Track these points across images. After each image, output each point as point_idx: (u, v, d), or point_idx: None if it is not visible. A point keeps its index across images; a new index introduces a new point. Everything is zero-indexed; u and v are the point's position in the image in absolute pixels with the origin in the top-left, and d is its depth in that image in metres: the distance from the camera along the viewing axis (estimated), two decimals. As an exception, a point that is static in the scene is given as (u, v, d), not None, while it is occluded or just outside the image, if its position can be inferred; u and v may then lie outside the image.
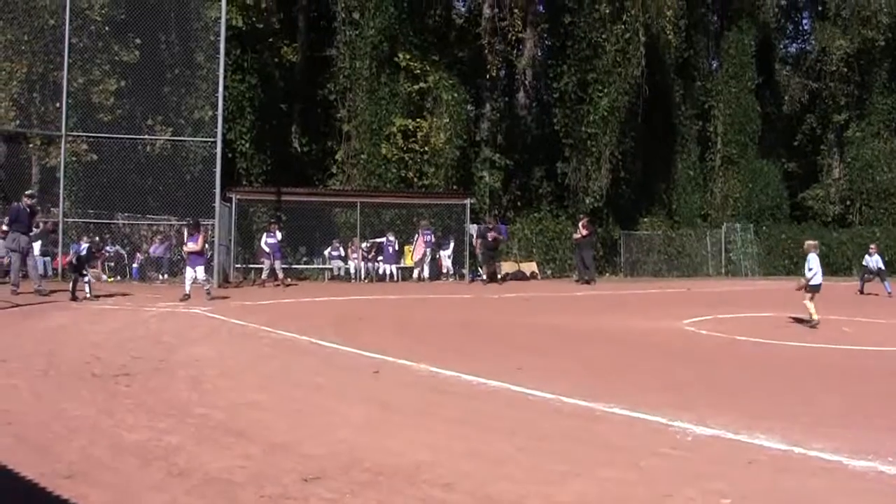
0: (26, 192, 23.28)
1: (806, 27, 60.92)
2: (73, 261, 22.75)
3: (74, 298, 21.43)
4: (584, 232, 34.99)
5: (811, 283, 18.41)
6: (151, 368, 11.49)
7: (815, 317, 18.00)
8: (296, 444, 7.53)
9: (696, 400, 9.89)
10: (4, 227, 23.33)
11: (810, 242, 19.33)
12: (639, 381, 11.47)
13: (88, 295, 22.01)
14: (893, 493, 6.35)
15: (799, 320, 18.88)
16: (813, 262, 18.52)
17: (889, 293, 28.19)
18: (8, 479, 6.26)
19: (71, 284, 22.11)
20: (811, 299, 18.25)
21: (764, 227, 47.21)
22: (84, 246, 23.63)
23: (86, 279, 22.49)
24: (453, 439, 7.84)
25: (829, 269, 43.97)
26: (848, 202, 52.86)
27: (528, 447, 7.57)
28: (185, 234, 23.43)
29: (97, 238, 27.50)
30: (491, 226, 35.78)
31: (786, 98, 55.73)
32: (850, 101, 53.00)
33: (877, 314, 19.95)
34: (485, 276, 34.68)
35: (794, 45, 61.99)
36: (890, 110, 51.58)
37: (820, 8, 56.02)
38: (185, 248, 23.49)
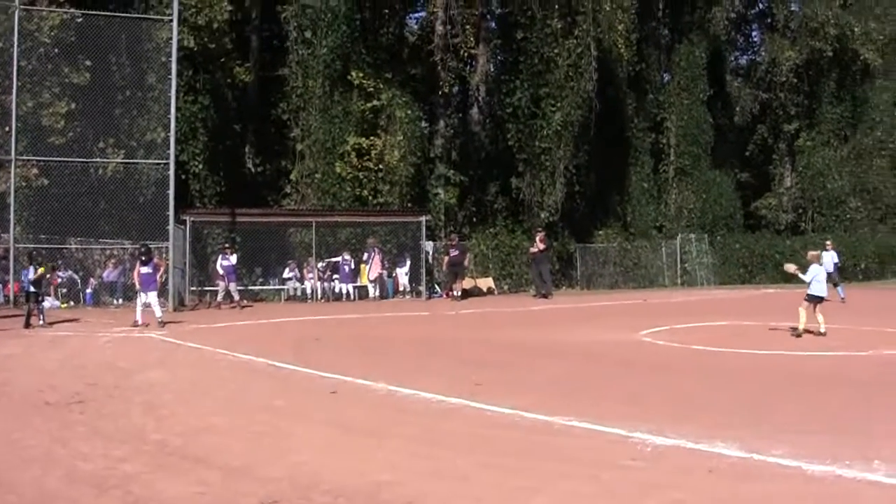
0: None
1: (756, 39, 61.56)
2: (29, 288, 22.47)
3: (28, 326, 21.16)
4: (542, 246, 35.04)
5: (809, 292, 18.44)
6: (106, 395, 11.37)
7: (801, 327, 18.01)
8: (254, 468, 7.47)
9: (655, 411, 9.92)
10: None
11: (812, 253, 19.45)
12: (597, 394, 11.49)
13: (42, 322, 21.76)
14: (852, 496, 6.41)
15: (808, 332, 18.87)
16: (811, 273, 18.54)
17: (842, 298, 28.38)
18: (-41, 512, 6.16)
19: (27, 311, 21.84)
20: (806, 308, 18.24)
21: (718, 237, 47.45)
22: (30, 269, 23.34)
23: (42, 305, 22.28)
24: (414, 458, 7.81)
25: (784, 276, 44.30)
26: (800, 210, 53.43)
27: (488, 463, 7.55)
28: (138, 261, 23.14)
29: (48, 263, 27.07)
30: (453, 243, 35.79)
31: (737, 109, 56.10)
32: (800, 111, 53.59)
33: (832, 319, 20.09)
34: (457, 293, 34.72)
35: (745, 56, 62.53)
36: (839, 119, 52.31)
37: (769, 20, 56.71)
38: (135, 274, 23.19)
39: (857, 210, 50.90)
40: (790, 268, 19.46)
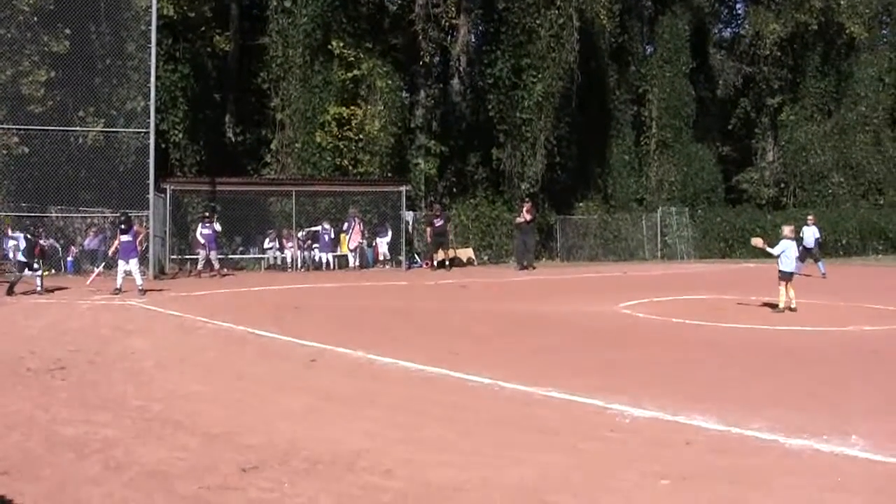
0: None
1: (740, 11, 61.35)
2: (23, 257, 22.43)
3: (11, 293, 21.10)
4: (528, 217, 34.99)
5: (780, 268, 18.40)
6: (87, 361, 11.37)
7: (781, 304, 18.00)
8: (234, 435, 7.49)
9: (634, 383, 9.98)
10: None
11: (789, 228, 19.34)
12: (576, 366, 11.54)
13: (39, 289, 21.77)
14: (829, 470, 6.44)
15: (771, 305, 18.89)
16: (780, 246, 18.48)
17: (823, 274, 28.45)
18: (-60, 476, 6.17)
19: (13, 279, 21.80)
20: (785, 286, 18.21)
21: (699, 211, 47.45)
22: (20, 235, 23.30)
23: (38, 273, 22.26)
24: (392, 426, 7.84)
25: (762, 251, 44.43)
26: (782, 185, 53.44)
27: (467, 432, 7.59)
28: (118, 230, 23.11)
29: (32, 229, 26.94)
30: (438, 213, 35.78)
31: (720, 82, 56.04)
32: (784, 85, 53.53)
33: (812, 295, 20.20)
34: (436, 263, 34.80)
35: (729, 29, 62.42)
36: (822, 94, 52.17)
37: (754, -8, 56.56)
38: (116, 242, 23.15)
39: (839, 185, 50.88)
40: (757, 242, 19.46)
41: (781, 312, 17.72)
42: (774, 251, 18.46)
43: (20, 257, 22.75)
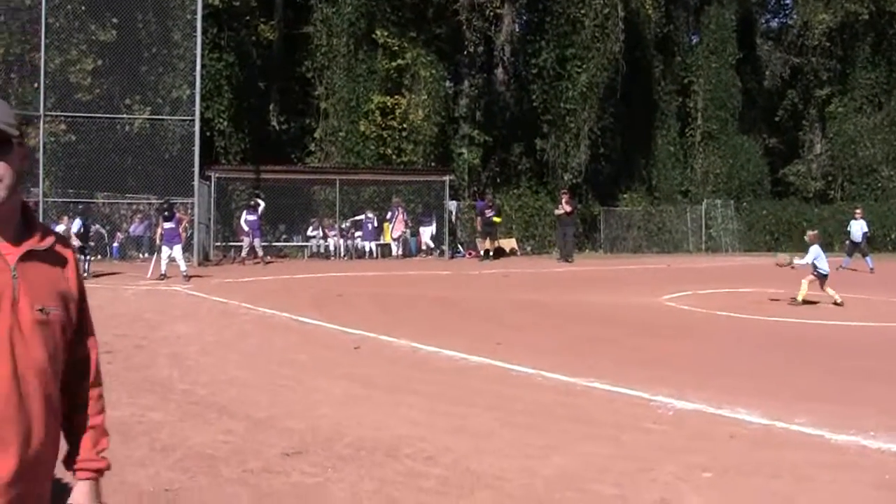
0: None
1: (787, 1, 60.30)
2: (77, 241, 22.71)
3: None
4: (567, 208, 34.79)
5: (818, 271, 18.19)
6: (134, 346, 11.48)
7: (800, 297, 17.85)
8: (277, 420, 7.55)
9: (677, 375, 9.93)
10: None
11: (811, 233, 19.19)
12: (619, 357, 11.51)
13: (86, 274, 21.95)
14: (875, 466, 6.39)
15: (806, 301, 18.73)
16: (810, 255, 18.32)
17: (871, 269, 28.13)
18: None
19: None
20: (811, 281, 18.02)
21: (745, 204, 46.94)
22: (77, 222, 23.58)
23: (87, 258, 22.48)
24: (434, 414, 7.87)
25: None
26: (829, 178, 52.56)
27: (508, 421, 7.60)
28: (161, 217, 23.34)
29: (86, 217, 27.14)
30: (490, 203, 35.76)
31: (767, 73, 55.41)
32: (833, 76, 52.66)
33: (859, 290, 20.01)
34: (482, 252, 34.81)
35: (776, 19, 61.61)
36: (872, 85, 51.11)
37: (802, -19, 55.78)
38: (159, 229, 23.35)
39: (889, 179, 49.64)
40: (782, 259, 19.36)
41: (798, 305, 17.56)
42: (805, 261, 18.24)
43: (75, 241, 22.94)
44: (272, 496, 5.50)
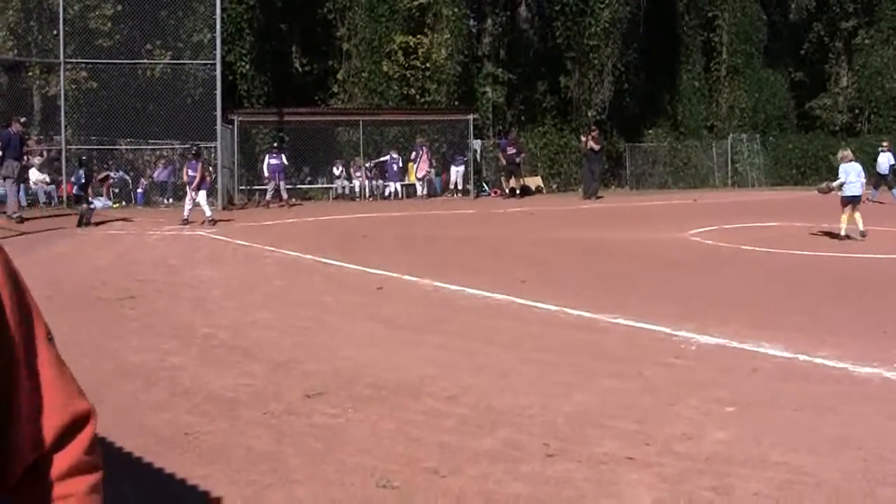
0: (16, 119, 22.81)
1: (814, -69, 59.75)
2: (82, 178, 22.67)
3: (82, 224, 21.28)
4: (596, 147, 34.60)
5: (844, 193, 18.03)
6: (156, 291, 11.51)
7: (843, 231, 17.65)
8: (299, 362, 7.56)
9: (701, 310, 9.89)
10: None
11: (843, 153, 18.94)
12: (643, 293, 11.47)
13: (81, 228, 21.76)
14: (897, 397, 6.36)
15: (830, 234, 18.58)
16: (843, 172, 18.14)
17: (897, 201, 27.86)
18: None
19: (80, 211, 21.97)
20: (845, 211, 17.83)
21: (770, 138, 46.61)
22: (79, 172, 23.50)
23: (92, 207, 22.42)
24: (457, 353, 7.85)
25: (838, 178, 43.75)
26: (856, 111, 51.98)
27: (531, 359, 7.59)
28: (186, 161, 23.29)
29: (89, 164, 26.96)
30: (512, 141, 35.65)
31: (792, 6, 54.69)
32: (858, 8, 51.85)
33: (886, 222, 19.82)
34: (507, 191, 34.80)
35: (801, -50, 60.93)
36: (899, 16, 50.70)
37: (829, -90, 54.87)
38: (184, 175, 23.31)
39: (915, 111, 49.53)
40: (824, 187, 19.16)
41: (843, 240, 17.38)
42: (838, 182, 18.07)
43: (75, 191, 22.92)
44: (292, 437, 5.51)
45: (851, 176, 18.03)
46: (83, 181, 22.64)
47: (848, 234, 17.47)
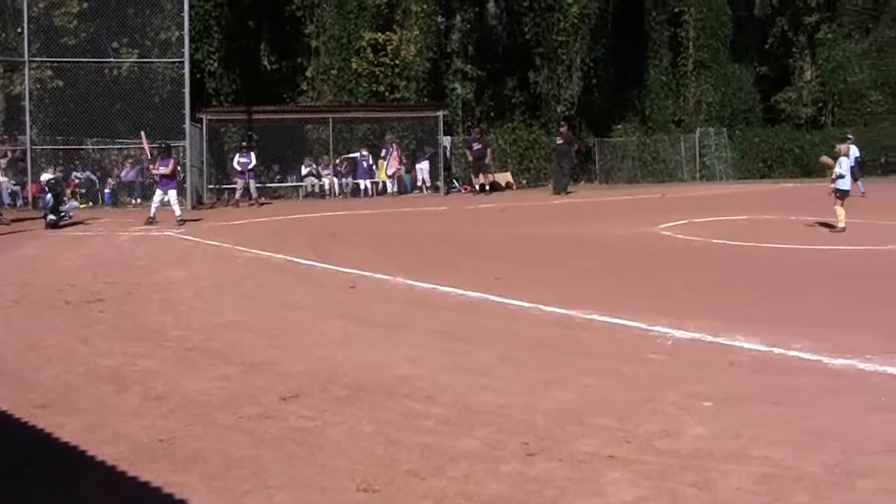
0: None
1: (775, -74, 60.16)
2: (50, 202, 21.91)
3: (53, 227, 20.94)
4: (561, 140, 34.70)
5: (838, 187, 18.14)
6: (125, 293, 11.39)
7: (840, 224, 17.75)
8: (274, 363, 7.49)
9: (676, 304, 9.92)
10: None
11: (842, 146, 19.00)
12: (617, 288, 11.49)
13: (48, 227, 21.27)
14: (872, 389, 6.38)
15: (826, 224, 18.64)
16: (843, 166, 18.23)
17: (863, 192, 28.09)
18: (-18, 409, 6.18)
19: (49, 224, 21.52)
20: (841, 205, 17.93)
21: (737, 131, 47.08)
22: (47, 177, 23.15)
23: (66, 214, 22.10)
24: (433, 352, 7.81)
25: (803, 170, 44.20)
26: (820, 104, 52.61)
27: (508, 357, 7.55)
28: (157, 158, 23.06)
29: (59, 186, 26.35)
30: (478, 137, 35.71)
31: (757, 1, 55.25)
32: (821, 3, 52.37)
33: (853, 214, 19.93)
34: (477, 187, 34.86)
35: (766, -55, 61.33)
36: (860, 11, 50.97)
37: None
38: (154, 171, 23.03)
39: (877, 104, 49.66)
40: (826, 160, 19.20)
41: (842, 232, 17.45)
42: (837, 171, 18.15)
43: (48, 218, 21.99)
44: (269, 441, 5.44)
45: (846, 169, 18.16)
46: (50, 204, 21.86)
47: (826, 224, 17.63)
